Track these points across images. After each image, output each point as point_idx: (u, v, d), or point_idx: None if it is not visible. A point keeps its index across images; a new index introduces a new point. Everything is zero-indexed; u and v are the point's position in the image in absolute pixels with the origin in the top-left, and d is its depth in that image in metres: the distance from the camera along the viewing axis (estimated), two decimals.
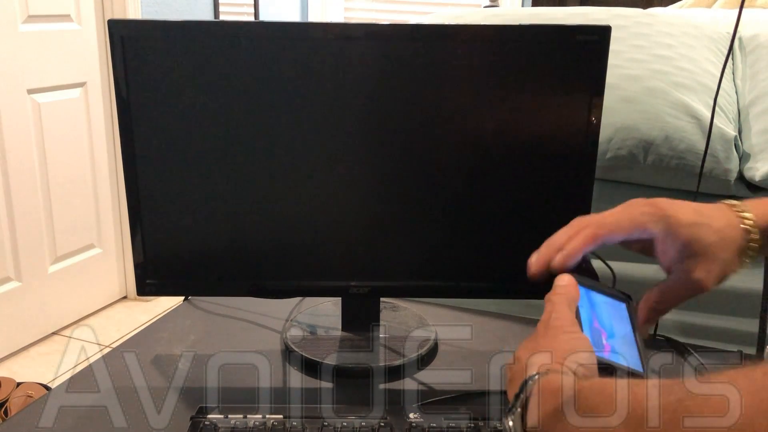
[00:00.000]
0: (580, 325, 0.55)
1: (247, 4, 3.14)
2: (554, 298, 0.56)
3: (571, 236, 0.59)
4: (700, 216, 0.59)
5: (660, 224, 0.58)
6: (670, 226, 0.58)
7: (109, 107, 2.45)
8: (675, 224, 0.58)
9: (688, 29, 1.36)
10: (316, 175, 0.73)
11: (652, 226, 0.59)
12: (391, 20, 2.73)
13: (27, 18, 2.14)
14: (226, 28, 0.70)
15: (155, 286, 0.78)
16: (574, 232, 0.59)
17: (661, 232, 0.58)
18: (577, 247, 0.58)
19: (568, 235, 0.60)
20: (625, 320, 0.59)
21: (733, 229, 0.59)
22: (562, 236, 0.60)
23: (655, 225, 0.59)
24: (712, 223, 0.59)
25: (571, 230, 0.60)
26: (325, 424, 0.64)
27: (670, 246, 0.59)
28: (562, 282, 0.57)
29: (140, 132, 0.72)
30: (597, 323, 0.57)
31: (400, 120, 0.72)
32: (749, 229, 0.59)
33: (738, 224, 0.59)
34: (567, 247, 0.59)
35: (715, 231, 0.58)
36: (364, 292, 0.78)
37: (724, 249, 0.58)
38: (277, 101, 0.71)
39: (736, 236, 0.59)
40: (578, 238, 0.59)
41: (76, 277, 2.44)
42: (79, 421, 0.68)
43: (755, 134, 1.14)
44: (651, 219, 0.59)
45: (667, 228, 0.58)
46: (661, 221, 0.59)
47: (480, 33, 0.70)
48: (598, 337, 0.55)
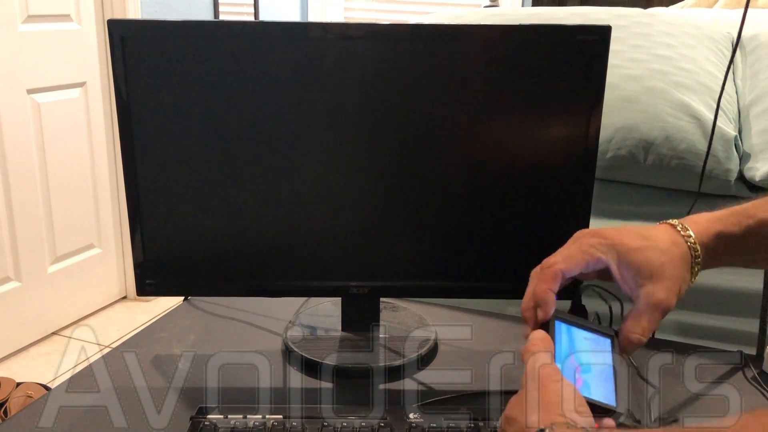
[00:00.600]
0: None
1: (247, 4, 3.14)
2: (534, 349, 0.56)
3: (535, 288, 0.61)
4: (646, 240, 0.61)
5: (610, 253, 0.60)
6: (620, 254, 0.60)
7: (109, 107, 2.45)
8: (624, 251, 0.60)
9: (689, 29, 1.36)
10: (315, 175, 0.73)
11: (603, 256, 0.61)
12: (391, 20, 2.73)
13: (27, 18, 2.13)
14: (226, 28, 0.70)
15: (155, 286, 0.77)
16: (535, 284, 0.61)
17: (614, 261, 0.60)
18: (544, 297, 0.60)
19: (533, 287, 0.62)
20: (606, 355, 0.59)
21: (679, 247, 0.61)
22: (530, 289, 0.62)
23: (605, 254, 0.61)
24: (659, 245, 0.61)
25: (532, 283, 0.62)
26: (325, 425, 0.64)
27: (625, 272, 0.61)
28: (538, 335, 0.58)
29: (140, 132, 0.72)
30: (573, 359, 0.57)
31: (400, 120, 0.72)
32: (693, 246, 0.61)
33: (683, 242, 0.61)
34: (539, 300, 0.60)
35: (663, 251, 0.60)
36: (364, 292, 0.78)
37: (675, 267, 0.60)
38: (276, 101, 0.71)
39: (683, 253, 0.61)
40: (541, 286, 0.61)
41: (75, 277, 2.44)
42: (79, 421, 0.68)
43: (755, 134, 1.14)
44: (600, 249, 0.61)
45: (618, 256, 0.60)
46: (611, 250, 0.60)
47: (480, 33, 0.70)
48: (570, 372, 0.56)
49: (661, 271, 0.60)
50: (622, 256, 0.60)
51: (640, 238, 0.61)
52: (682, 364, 0.80)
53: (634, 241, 0.61)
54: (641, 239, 0.61)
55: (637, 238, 0.61)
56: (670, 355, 0.82)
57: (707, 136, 1.07)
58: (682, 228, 0.62)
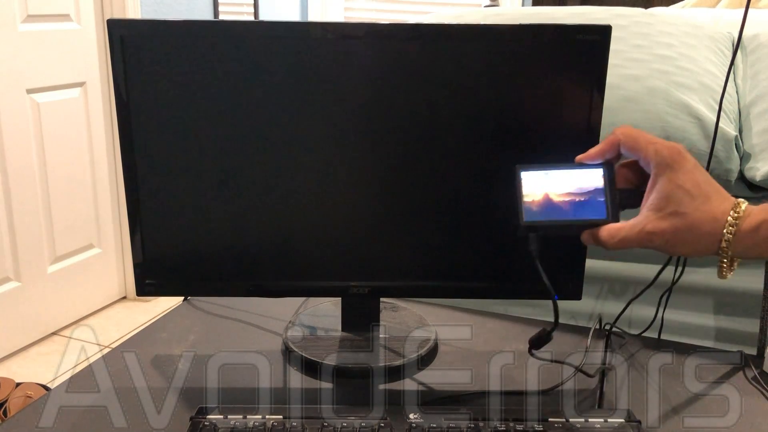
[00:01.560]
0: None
1: (246, 3, 3.14)
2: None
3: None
4: (701, 191, 0.60)
5: (667, 168, 0.61)
6: (672, 178, 0.60)
7: (109, 107, 2.45)
8: (674, 179, 0.60)
9: (689, 29, 1.36)
10: (315, 174, 0.73)
11: (659, 163, 0.61)
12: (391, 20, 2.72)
13: (26, 18, 2.13)
14: (226, 27, 0.70)
15: (155, 286, 0.77)
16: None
17: (663, 174, 0.61)
18: (602, 144, 0.65)
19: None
20: (597, 181, 0.66)
21: (714, 225, 0.60)
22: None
23: (662, 165, 0.61)
24: (700, 208, 0.60)
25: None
26: (325, 425, 0.64)
27: (653, 188, 0.62)
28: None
29: (140, 132, 0.72)
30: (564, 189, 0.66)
31: (400, 119, 0.72)
32: (726, 239, 0.60)
33: (721, 229, 0.60)
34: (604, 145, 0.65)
35: (696, 215, 0.60)
36: (364, 292, 0.78)
37: (692, 238, 0.60)
38: (276, 101, 0.71)
39: (710, 232, 0.60)
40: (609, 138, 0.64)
41: (75, 278, 2.44)
42: (79, 421, 0.68)
43: (756, 134, 1.14)
44: (665, 158, 0.61)
45: (670, 176, 0.60)
46: (669, 168, 0.61)
47: (480, 33, 0.70)
48: (551, 205, 0.65)
49: (682, 217, 0.60)
50: (671, 179, 0.60)
51: (701, 185, 0.61)
52: (682, 364, 0.80)
53: (693, 186, 0.60)
54: (697, 187, 0.60)
55: (698, 184, 0.60)
56: (670, 355, 0.82)
57: (708, 136, 1.07)
58: (734, 221, 0.60)
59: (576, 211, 0.65)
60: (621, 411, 0.66)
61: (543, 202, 0.65)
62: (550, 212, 0.65)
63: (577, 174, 0.66)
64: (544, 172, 0.66)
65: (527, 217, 0.65)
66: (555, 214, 0.65)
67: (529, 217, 0.65)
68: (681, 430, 0.68)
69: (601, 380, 0.76)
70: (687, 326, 1.07)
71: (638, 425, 0.64)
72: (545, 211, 0.65)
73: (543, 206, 0.65)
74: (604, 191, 0.65)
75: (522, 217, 0.66)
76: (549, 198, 0.65)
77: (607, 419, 0.65)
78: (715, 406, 0.72)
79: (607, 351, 0.82)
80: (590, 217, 0.65)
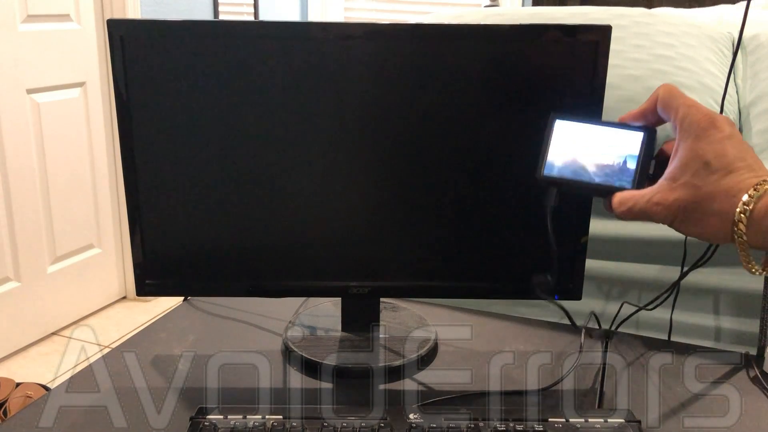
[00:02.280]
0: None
1: (246, 3, 3.14)
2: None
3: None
4: (724, 163, 0.53)
5: (692, 135, 0.55)
6: (693, 146, 0.54)
7: (109, 107, 2.45)
8: (695, 148, 0.54)
9: (689, 29, 1.36)
10: (315, 174, 0.73)
11: (685, 128, 0.55)
12: (391, 20, 2.72)
13: (26, 18, 2.13)
14: (226, 27, 0.70)
15: (154, 286, 0.77)
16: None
17: (685, 141, 0.55)
18: (645, 103, 0.60)
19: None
20: (633, 146, 0.61)
21: (726, 202, 0.52)
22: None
23: (687, 130, 0.55)
24: (718, 181, 0.53)
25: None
26: (325, 425, 0.64)
27: (675, 155, 0.56)
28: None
29: (139, 132, 0.72)
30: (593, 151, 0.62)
31: (400, 120, 0.72)
32: (739, 219, 0.52)
33: (734, 208, 0.52)
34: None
35: (707, 189, 0.53)
36: (364, 292, 0.78)
37: (699, 215, 0.54)
38: (276, 101, 0.71)
39: (721, 210, 0.53)
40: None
41: (75, 278, 2.44)
42: (79, 421, 0.67)
43: (756, 134, 1.14)
44: (692, 124, 0.55)
45: (692, 143, 0.54)
46: (693, 135, 0.54)
47: (480, 32, 0.70)
48: (577, 162, 0.61)
49: (697, 190, 0.53)
50: (697, 145, 0.54)
51: (732, 159, 0.53)
52: (682, 364, 0.80)
53: (723, 158, 0.53)
54: (725, 161, 0.53)
55: (728, 158, 0.53)
56: (670, 355, 0.82)
57: None
58: (751, 202, 0.52)
59: (601, 174, 0.61)
60: (621, 411, 0.66)
61: (569, 157, 0.61)
62: (574, 170, 0.61)
63: (615, 134, 0.61)
64: (581, 125, 0.62)
65: (547, 170, 0.61)
66: (578, 172, 0.61)
67: (549, 170, 0.61)
68: (681, 431, 0.68)
69: (601, 380, 0.76)
70: (687, 326, 1.07)
71: (638, 425, 0.64)
72: (569, 167, 0.61)
73: (568, 161, 0.61)
74: (638, 158, 0.60)
75: (541, 170, 0.62)
76: (577, 154, 0.61)
77: (607, 419, 0.65)
78: (716, 407, 0.72)
79: (608, 351, 0.82)
80: (615, 183, 0.60)
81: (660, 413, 0.70)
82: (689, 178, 0.54)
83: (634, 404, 0.72)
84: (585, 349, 0.82)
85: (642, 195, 0.57)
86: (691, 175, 0.54)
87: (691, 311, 1.08)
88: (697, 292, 1.06)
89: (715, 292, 1.05)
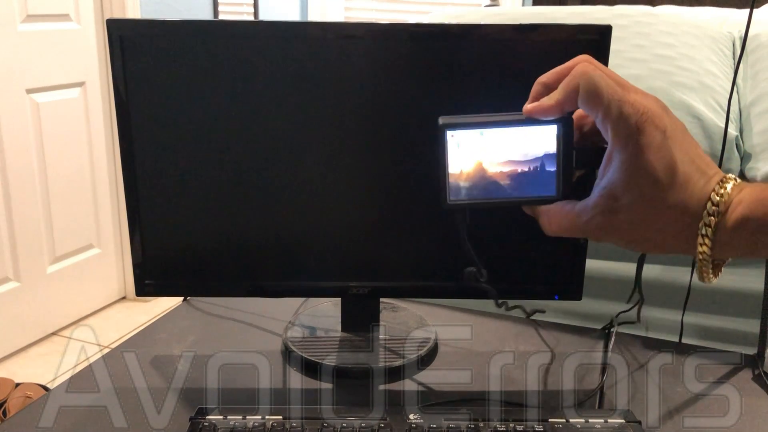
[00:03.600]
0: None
1: (246, 3, 3.14)
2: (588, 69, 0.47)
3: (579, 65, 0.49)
4: (674, 175, 0.46)
5: (629, 141, 0.46)
6: (634, 157, 0.45)
7: (108, 107, 2.45)
8: (637, 160, 0.45)
9: (690, 28, 1.36)
10: (315, 174, 0.73)
11: (619, 134, 0.46)
12: (391, 20, 2.72)
13: (26, 17, 2.13)
14: (226, 27, 0.70)
15: (154, 286, 0.77)
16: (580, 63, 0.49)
17: (623, 150, 0.46)
18: (560, 93, 0.49)
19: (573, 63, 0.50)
20: (549, 144, 0.51)
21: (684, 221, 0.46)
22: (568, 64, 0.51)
23: (622, 136, 0.46)
24: (670, 199, 0.46)
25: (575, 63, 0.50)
26: (325, 425, 0.64)
27: (610, 163, 0.47)
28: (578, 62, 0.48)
29: (139, 132, 0.72)
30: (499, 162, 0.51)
31: (400, 119, 0.72)
32: (702, 242, 0.46)
33: (694, 226, 0.46)
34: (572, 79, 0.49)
35: (660, 210, 0.46)
36: (364, 292, 0.78)
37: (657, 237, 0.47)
38: (276, 101, 0.71)
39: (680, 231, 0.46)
40: (586, 67, 0.48)
41: (74, 278, 2.44)
42: (79, 421, 0.67)
43: (756, 134, 1.14)
44: (628, 127, 0.46)
45: (633, 153, 0.46)
46: (631, 140, 0.45)
47: (480, 32, 0.70)
48: (485, 178, 0.51)
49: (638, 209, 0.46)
50: (639, 156, 0.45)
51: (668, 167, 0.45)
52: (682, 364, 0.80)
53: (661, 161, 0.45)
54: (673, 174, 0.45)
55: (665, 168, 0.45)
56: (670, 355, 0.82)
57: (708, 136, 1.07)
58: (722, 184, 0.46)
59: (518, 186, 0.51)
60: (621, 411, 0.66)
61: (474, 174, 0.51)
62: (484, 188, 0.51)
63: (523, 134, 0.50)
64: (479, 132, 0.50)
65: (453, 195, 0.51)
66: (490, 190, 0.51)
67: (455, 195, 0.51)
68: (681, 431, 0.68)
69: (602, 380, 0.76)
70: (687, 326, 1.07)
71: (638, 425, 0.64)
72: (477, 186, 0.51)
73: (474, 180, 0.51)
74: (557, 158, 0.50)
75: (446, 196, 0.51)
76: (483, 169, 0.51)
77: (608, 419, 0.65)
78: (716, 407, 0.72)
79: (608, 351, 0.82)
80: (534, 194, 0.51)
81: (660, 413, 0.70)
82: (636, 199, 0.46)
83: (634, 404, 0.72)
84: (585, 349, 0.82)
85: (578, 214, 0.49)
86: (638, 195, 0.46)
87: (691, 311, 1.08)
88: (696, 292, 1.06)
89: (714, 292, 1.05)
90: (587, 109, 0.48)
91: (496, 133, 0.50)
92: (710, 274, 0.47)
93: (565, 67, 0.51)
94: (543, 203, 0.51)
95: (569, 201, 0.51)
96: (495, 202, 0.51)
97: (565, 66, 0.51)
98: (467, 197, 0.51)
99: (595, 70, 0.47)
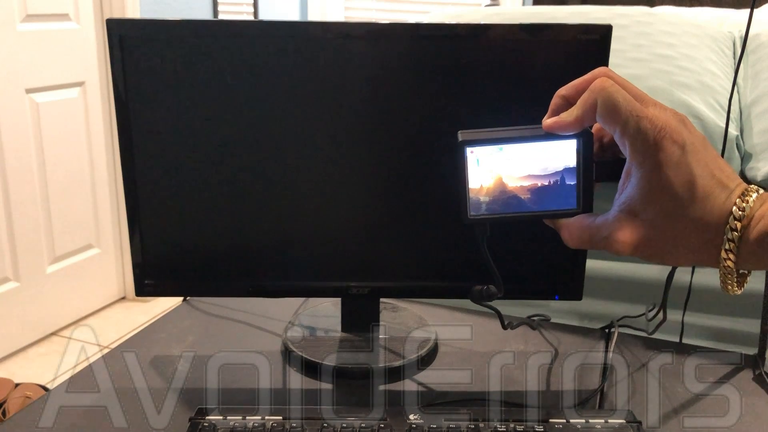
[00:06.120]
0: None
1: (246, 3, 3.14)
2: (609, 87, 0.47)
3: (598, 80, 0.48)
4: (694, 190, 0.45)
5: (648, 158, 0.46)
6: (654, 173, 0.46)
7: (108, 107, 2.45)
8: (657, 176, 0.46)
9: (690, 28, 1.36)
10: (315, 174, 0.73)
11: (638, 150, 0.46)
12: (391, 20, 2.72)
13: (25, 17, 2.13)
14: (226, 27, 0.70)
15: (154, 286, 0.77)
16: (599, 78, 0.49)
17: (642, 166, 0.46)
18: (579, 108, 0.49)
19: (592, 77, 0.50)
20: (568, 158, 0.51)
21: (706, 236, 0.46)
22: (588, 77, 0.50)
23: (640, 152, 0.46)
24: (691, 215, 0.46)
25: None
26: (325, 426, 0.64)
27: (628, 179, 0.47)
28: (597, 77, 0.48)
29: (139, 131, 0.72)
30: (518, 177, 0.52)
31: (400, 119, 0.72)
32: (726, 256, 0.46)
33: (718, 240, 0.46)
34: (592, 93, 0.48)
35: (682, 224, 0.46)
36: (363, 292, 0.78)
37: (680, 252, 0.47)
38: (276, 100, 0.71)
39: (702, 245, 0.47)
40: (606, 83, 0.48)
41: (74, 278, 2.44)
42: (79, 421, 0.67)
43: (756, 134, 1.14)
44: (646, 143, 0.46)
45: (652, 169, 0.46)
46: (650, 157, 0.45)
47: (480, 32, 0.70)
48: (506, 193, 0.52)
49: (656, 228, 0.46)
50: (658, 173, 0.45)
51: (688, 183, 0.45)
52: (682, 364, 0.80)
53: (681, 177, 0.45)
54: (692, 189, 0.45)
55: (685, 184, 0.45)
56: (670, 355, 0.81)
57: (708, 135, 1.07)
58: (744, 197, 0.46)
59: (537, 200, 0.52)
60: (621, 411, 0.66)
61: (494, 189, 0.52)
62: (504, 202, 0.52)
63: (543, 148, 0.51)
64: (498, 147, 0.51)
65: (473, 210, 0.52)
66: (510, 204, 0.52)
67: (476, 210, 0.52)
68: (681, 431, 0.68)
69: (602, 381, 0.76)
70: (688, 326, 1.07)
71: (639, 426, 0.64)
72: (497, 201, 0.52)
73: (494, 194, 0.52)
74: (576, 171, 0.51)
75: (467, 211, 0.52)
76: (503, 183, 0.52)
77: (608, 420, 0.65)
78: (716, 407, 0.72)
79: (608, 351, 0.82)
80: (555, 208, 0.52)
81: (660, 414, 0.70)
82: (656, 215, 0.46)
83: (634, 405, 0.72)
84: (585, 349, 0.82)
85: (598, 228, 0.49)
86: (659, 212, 0.46)
87: (691, 311, 1.08)
88: (697, 292, 1.06)
89: (714, 292, 1.05)
90: (605, 125, 0.48)
91: (516, 148, 0.51)
92: (735, 286, 0.48)
93: (584, 80, 0.51)
94: (564, 216, 0.52)
95: (590, 214, 0.52)
96: (515, 216, 0.52)
97: (584, 79, 0.51)
98: (488, 212, 0.52)
99: (613, 86, 0.47)
